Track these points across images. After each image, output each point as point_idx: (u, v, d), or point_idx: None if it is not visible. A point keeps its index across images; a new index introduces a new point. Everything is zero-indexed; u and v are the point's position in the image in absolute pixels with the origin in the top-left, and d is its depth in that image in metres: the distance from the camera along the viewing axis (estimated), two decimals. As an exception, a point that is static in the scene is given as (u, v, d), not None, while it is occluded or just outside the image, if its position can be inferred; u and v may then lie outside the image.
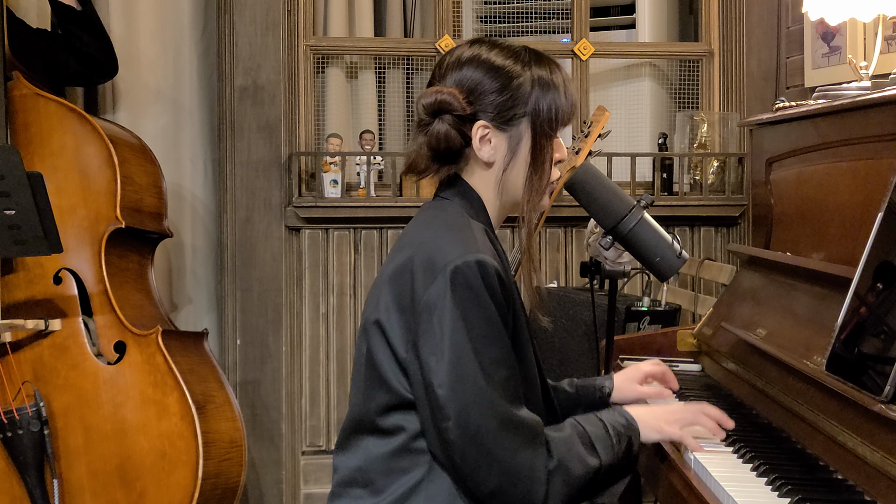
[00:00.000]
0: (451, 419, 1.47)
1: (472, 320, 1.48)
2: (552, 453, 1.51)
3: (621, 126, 3.70)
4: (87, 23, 3.06)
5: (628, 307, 2.97)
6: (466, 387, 1.46)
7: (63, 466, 2.79)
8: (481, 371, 1.47)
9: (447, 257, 1.50)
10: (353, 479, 1.58)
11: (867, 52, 2.79)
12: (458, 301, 1.47)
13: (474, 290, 1.48)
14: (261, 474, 3.44)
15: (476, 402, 1.46)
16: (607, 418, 1.61)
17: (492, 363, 1.48)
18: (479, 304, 1.48)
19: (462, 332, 1.47)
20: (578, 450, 1.54)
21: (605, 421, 1.61)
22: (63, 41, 3.07)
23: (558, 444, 1.53)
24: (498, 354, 1.50)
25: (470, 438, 1.47)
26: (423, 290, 1.49)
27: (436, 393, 1.47)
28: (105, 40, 3.13)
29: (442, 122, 1.60)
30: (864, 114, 1.89)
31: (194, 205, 3.58)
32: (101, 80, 3.25)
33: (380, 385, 1.55)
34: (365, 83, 3.72)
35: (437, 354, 1.47)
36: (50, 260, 2.82)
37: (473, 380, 1.46)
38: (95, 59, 3.09)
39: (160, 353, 2.80)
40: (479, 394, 1.47)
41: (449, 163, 1.64)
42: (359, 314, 3.51)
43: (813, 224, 2.13)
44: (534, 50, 1.66)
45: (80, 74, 3.11)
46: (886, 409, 1.42)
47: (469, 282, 1.48)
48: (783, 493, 1.47)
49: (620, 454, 1.59)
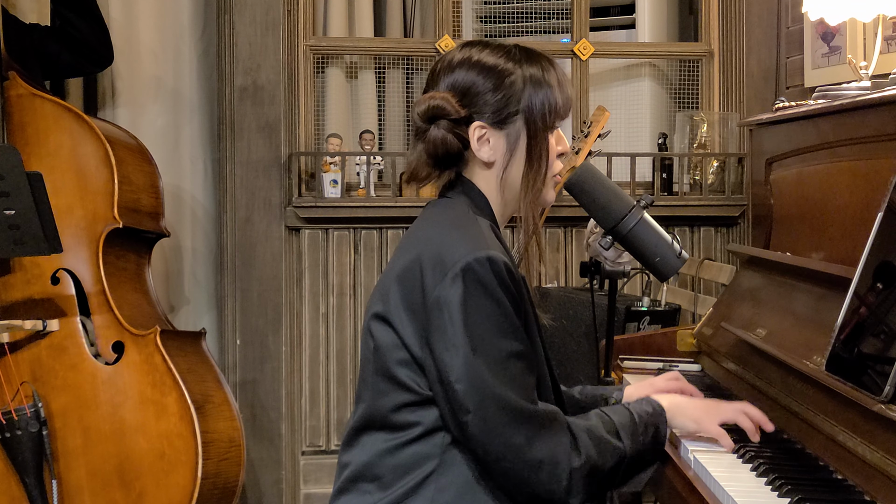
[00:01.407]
0: (471, 413, 1.47)
1: (485, 315, 1.48)
2: (576, 441, 1.52)
3: (621, 126, 3.70)
4: (80, 6, 3.05)
5: (628, 307, 2.96)
6: (484, 380, 1.47)
7: (62, 467, 2.79)
8: (498, 364, 1.48)
9: (457, 255, 1.50)
10: (362, 474, 1.58)
11: (867, 52, 2.78)
12: (471, 297, 1.48)
13: (486, 286, 1.49)
14: (260, 474, 3.44)
15: (494, 396, 1.47)
16: (634, 407, 1.63)
17: (508, 356, 1.49)
18: (491, 299, 1.49)
19: (476, 326, 1.48)
20: (602, 436, 1.55)
21: (631, 410, 1.62)
22: (57, 30, 3.06)
23: (581, 431, 1.54)
24: (513, 347, 1.50)
25: (490, 431, 1.48)
26: (433, 287, 1.50)
27: (454, 388, 1.48)
28: (100, 25, 3.13)
29: (438, 128, 1.61)
30: (864, 114, 1.89)
31: (194, 205, 3.58)
32: (96, 69, 3.23)
33: (391, 382, 1.55)
34: (365, 83, 3.72)
35: (451, 350, 1.48)
36: (47, 260, 2.81)
37: (491, 373, 1.47)
38: (89, 47, 3.08)
39: (159, 353, 2.79)
40: (497, 387, 1.47)
41: (449, 167, 1.65)
42: (359, 314, 3.51)
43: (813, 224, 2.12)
44: (525, 47, 1.67)
45: (73, 65, 3.10)
46: (886, 409, 1.42)
47: (480, 278, 1.49)
48: (783, 493, 1.47)
49: (647, 442, 1.60)
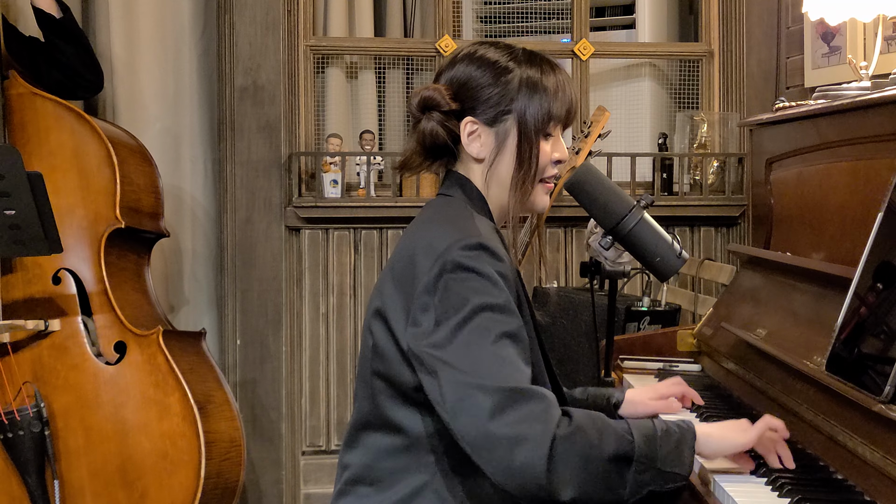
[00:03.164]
0: (459, 399, 1.41)
1: (475, 298, 1.45)
2: (567, 414, 1.42)
3: (621, 126, 3.70)
4: (66, 33, 3.00)
5: (628, 307, 2.96)
6: (473, 364, 1.41)
7: (63, 467, 2.79)
8: (489, 347, 1.43)
9: (447, 241, 1.50)
10: (361, 476, 1.58)
11: (867, 52, 2.79)
12: (460, 280, 1.46)
13: (476, 271, 1.47)
14: (260, 474, 3.44)
15: (483, 378, 1.40)
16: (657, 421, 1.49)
17: (498, 338, 1.44)
18: (481, 281, 1.46)
19: (466, 310, 1.44)
20: (605, 420, 1.44)
21: (653, 420, 1.50)
22: (47, 51, 3.03)
23: (576, 410, 1.45)
24: (503, 328, 1.45)
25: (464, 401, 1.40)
26: (425, 273, 1.49)
27: (428, 353, 1.44)
28: (87, 51, 3.06)
29: (429, 120, 1.62)
30: (864, 114, 1.89)
31: (194, 205, 3.58)
32: (85, 94, 3.16)
33: (386, 377, 1.55)
34: (365, 83, 3.72)
35: (433, 322, 1.45)
36: (49, 260, 2.81)
37: (479, 355, 1.42)
38: (77, 72, 3.03)
39: (161, 353, 2.79)
40: (487, 370, 1.41)
41: (439, 158, 1.66)
42: (359, 314, 3.51)
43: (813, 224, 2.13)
44: (531, 51, 1.66)
45: (62, 86, 3.03)
46: (886, 409, 1.42)
47: (470, 262, 1.47)
48: (783, 493, 1.47)
49: (670, 451, 1.43)
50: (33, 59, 3.04)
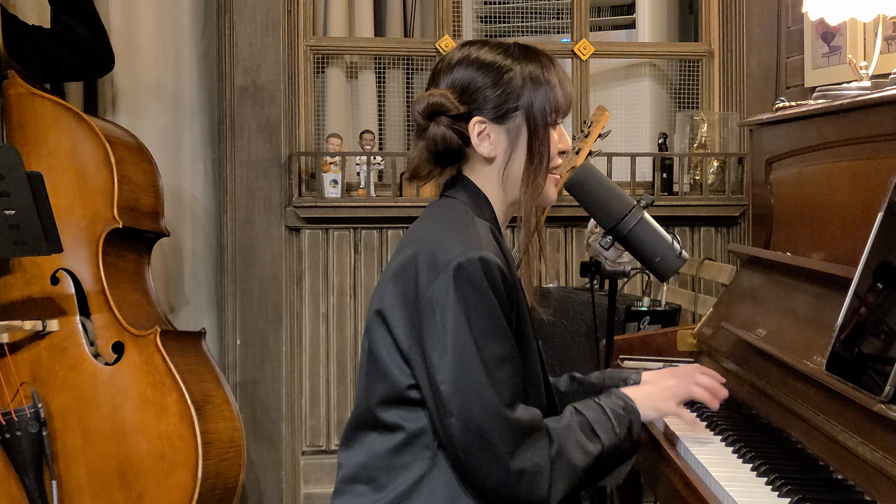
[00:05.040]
0: (454, 415, 1.48)
1: (474, 317, 1.49)
2: (553, 445, 1.52)
3: (621, 126, 3.70)
4: (79, 11, 3.04)
5: (628, 307, 2.96)
6: (469, 383, 1.47)
7: (62, 467, 2.78)
8: (484, 368, 1.48)
9: (450, 254, 1.51)
10: (357, 475, 1.59)
11: (867, 52, 2.78)
12: (461, 298, 1.48)
13: (477, 287, 1.49)
14: (260, 475, 3.44)
15: (478, 399, 1.47)
16: (606, 402, 1.62)
17: (495, 359, 1.49)
18: (482, 301, 1.49)
19: (465, 328, 1.48)
20: (579, 437, 1.56)
21: (603, 405, 1.62)
22: (58, 34, 3.05)
23: (559, 434, 1.54)
24: (501, 351, 1.51)
25: (472, 434, 1.48)
26: (427, 286, 1.50)
27: (439, 389, 1.48)
28: (100, 30, 3.11)
29: (438, 125, 1.62)
30: (864, 114, 1.89)
31: (194, 205, 3.58)
32: (97, 73, 3.21)
33: (381, 378, 1.56)
34: (365, 83, 3.72)
35: (440, 350, 1.48)
36: (47, 260, 2.81)
37: (476, 376, 1.48)
38: (90, 51, 3.07)
39: (159, 353, 2.79)
40: (482, 390, 1.47)
41: (450, 164, 1.66)
42: (359, 314, 3.51)
43: (813, 224, 2.12)
44: (524, 45, 1.68)
45: (74, 68, 3.08)
46: (886, 409, 1.42)
47: (472, 278, 1.49)
48: (783, 493, 1.47)
49: (622, 437, 1.60)
50: (40, 47, 3.04)
